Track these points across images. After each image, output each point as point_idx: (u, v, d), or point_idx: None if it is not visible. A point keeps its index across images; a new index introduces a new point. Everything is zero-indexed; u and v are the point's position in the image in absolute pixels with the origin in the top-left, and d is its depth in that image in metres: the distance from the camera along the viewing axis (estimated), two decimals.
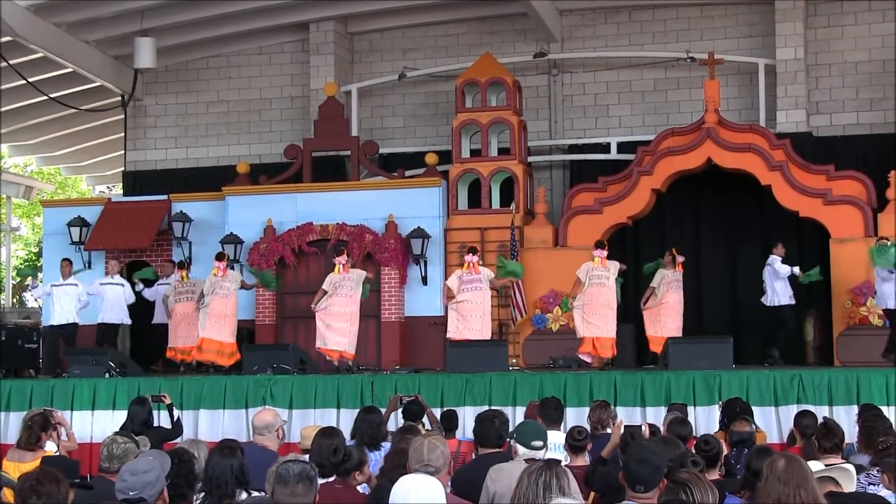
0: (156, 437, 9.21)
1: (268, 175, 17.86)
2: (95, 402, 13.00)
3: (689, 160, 16.29)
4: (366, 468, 6.43)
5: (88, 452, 11.84)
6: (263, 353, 14.03)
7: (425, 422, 9.63)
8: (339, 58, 19.25)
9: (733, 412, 9.23)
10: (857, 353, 14.77)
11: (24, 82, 18.78)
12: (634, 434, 7.08)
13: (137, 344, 17.46)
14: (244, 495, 5.68)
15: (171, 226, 17.71)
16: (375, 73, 19.48)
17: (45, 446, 8.62)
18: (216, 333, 14.83)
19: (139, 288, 16.67)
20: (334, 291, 14.40)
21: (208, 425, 12.68)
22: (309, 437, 7.51)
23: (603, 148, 18.20)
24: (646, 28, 18.51)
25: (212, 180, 18.56)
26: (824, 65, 17.61)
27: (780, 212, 16.05)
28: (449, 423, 9.79)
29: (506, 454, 6.69)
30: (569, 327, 15.77)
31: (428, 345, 16.16)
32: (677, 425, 8.00)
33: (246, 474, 5.78)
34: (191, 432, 12.36)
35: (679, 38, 18.21)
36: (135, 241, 17.75)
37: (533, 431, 6.69)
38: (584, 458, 7.69)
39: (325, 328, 14.38)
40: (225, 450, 5.86)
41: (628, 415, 11.32)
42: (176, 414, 10.61)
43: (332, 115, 17.90)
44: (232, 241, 17.05)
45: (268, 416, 7.67)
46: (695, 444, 7.07)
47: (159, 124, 20.41)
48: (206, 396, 12.86)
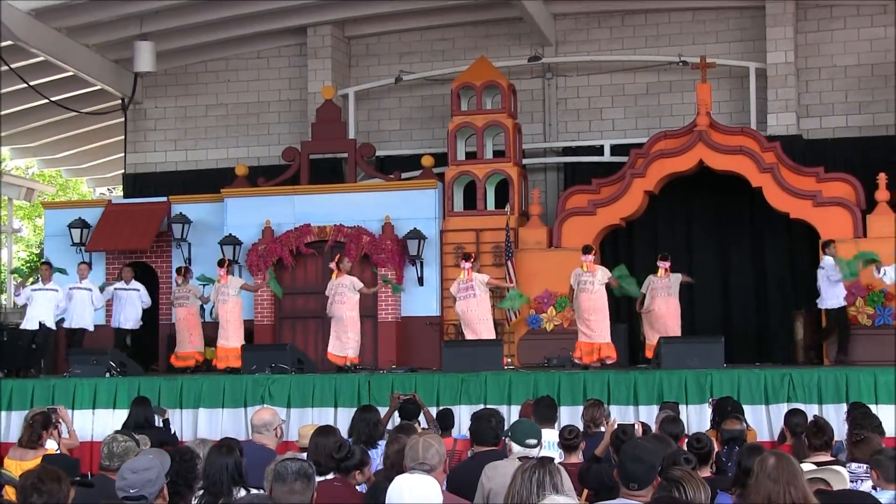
0: (156, 437, 9.22)
1: (266, 177, 17.93)
2: (96, 401, 13.09)
3: (682, 162, 16.38)
4: (367, 469, 6.44)
5: (89, 451, 11.98)
6: (262, 353, 14.12)
7: (422, 420, 9.76)
8: (337, 61, 19.36)
9: (724, 410, 9.35)
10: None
11: (25, 86, 18.83)
12: (626, 430, 7.14)
13: (138, 344, 17.56)
14: (243, 493, 5.66)
15: (170, 227, 17.80)
16: (372, 76, 19.58)
17: (46, 444, 8.68)
18: (225, 341, 15.07)
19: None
20: (332, 297, 14.65)
21: (207, 424, 12.76)
22: (307, 435, 7.52)
23: (596, 150, 18.31)
24: (638, 32, 18.60)
25: (211, 182, 18.64)
26: (814, 68, 17.71)
27: (771, 213, 16.18)
28: (445, 421, 9.84)
29: (501, 452, 6.73)
30: (563, 327, 15.97)
31: (424, 344, 16.25)
32: (669, 423, 8.07)
33: (242, 472, 5.75)
34: (190, 431, 12.55)
35: (671, 42, 18.31)
36: (135, 243, 17.84)
37: (527, 430, 6.75)
38: (578, 455, 7.71)
39: (332, 335, 14.71)
40: (223, 448, 5.84)
41: (621, 413, 11.43)
42: (173, 429, 10.65)
43: (330, 118, 17.97)
44: (231, 242, 17.13)
45: (266, 414, 7.67)
46: (687, 441, 7.11)
47: (159, 127, 20.48)
48: (205, 396, 12.95)
